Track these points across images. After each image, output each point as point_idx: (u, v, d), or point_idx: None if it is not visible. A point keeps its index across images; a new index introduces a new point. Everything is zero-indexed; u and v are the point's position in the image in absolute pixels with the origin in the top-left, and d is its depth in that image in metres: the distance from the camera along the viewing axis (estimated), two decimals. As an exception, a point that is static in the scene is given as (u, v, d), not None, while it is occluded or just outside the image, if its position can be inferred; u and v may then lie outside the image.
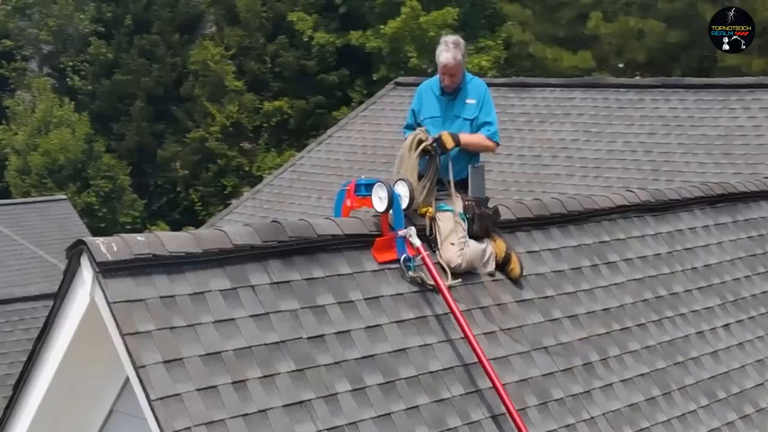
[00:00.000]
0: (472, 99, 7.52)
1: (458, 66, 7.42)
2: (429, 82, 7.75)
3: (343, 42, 38.66)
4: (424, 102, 7.69)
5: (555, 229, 8.20)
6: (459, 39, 7.51)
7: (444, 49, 7.42)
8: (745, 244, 9.81)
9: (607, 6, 37.65)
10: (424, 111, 7.65)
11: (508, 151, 15.75)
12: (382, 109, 18.15)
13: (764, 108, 14.13)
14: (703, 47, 37.11)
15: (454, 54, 7.38)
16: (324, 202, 16.88)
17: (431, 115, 7.59)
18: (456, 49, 7.39)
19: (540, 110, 16.10)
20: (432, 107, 7.62)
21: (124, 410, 6.30)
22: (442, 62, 7.41)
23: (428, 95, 7.69)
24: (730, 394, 8.36)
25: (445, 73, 7.45)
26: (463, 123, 7.52)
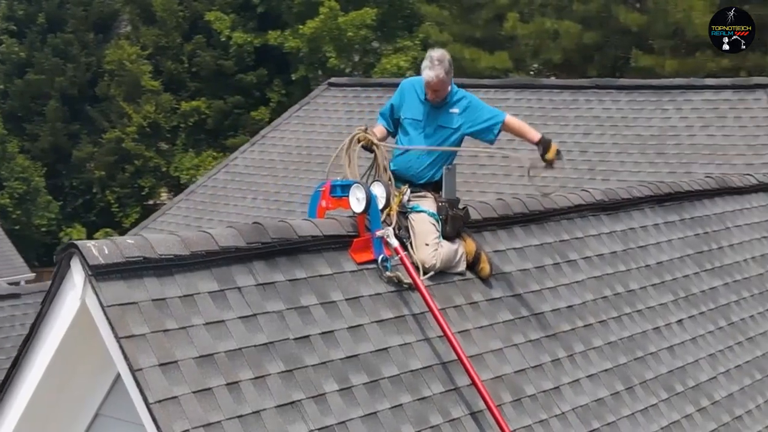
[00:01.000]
0: (456, 108, 7.50)
1: (441, 83, 7.34)
2: (414, 81, 7.66)
3: (261, 42, 38.56)
4: (406, 100, 7.63)
5: (518, 229, 8.36)
6: (444, 55, 7.41)
7: (428, 65, 7.33)
8: (692, 241, 10.09)
9: (524, 7, 38.13)
10: (405, 110, 7.61)
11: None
12: (315, 109, 18.18)
13: (696, 109, 14.49)
14: (617, 48, 37.83)
15: (437, 72, 7.28)
16: (259, 203, 16.89)
17: (413, 117, 7.56)
18: (440, 67, 7.29)
19: (479, 110, 16.24)
20: (415, 110, 7.57)
21: (109, 414, 6.26)
22: (425, 79, 7.35)
23: (411, 95, 7.61)
24: (687, 387, 8.59)
25: (428, 89, 7.40)
26: (447, 132, 7.52)
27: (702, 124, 14.26)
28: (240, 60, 38.69)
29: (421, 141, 7.60)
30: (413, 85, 7.66)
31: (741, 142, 13.74)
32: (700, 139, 14.09)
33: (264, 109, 39.11)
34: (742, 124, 13.95)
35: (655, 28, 34.64)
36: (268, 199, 16.81)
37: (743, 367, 9.38)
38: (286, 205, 16.51)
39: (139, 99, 37.90)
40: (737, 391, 9.07)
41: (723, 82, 14.99)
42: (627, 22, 35.06)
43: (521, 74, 38.17)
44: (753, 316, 10.05)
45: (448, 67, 7.37)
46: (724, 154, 13.73)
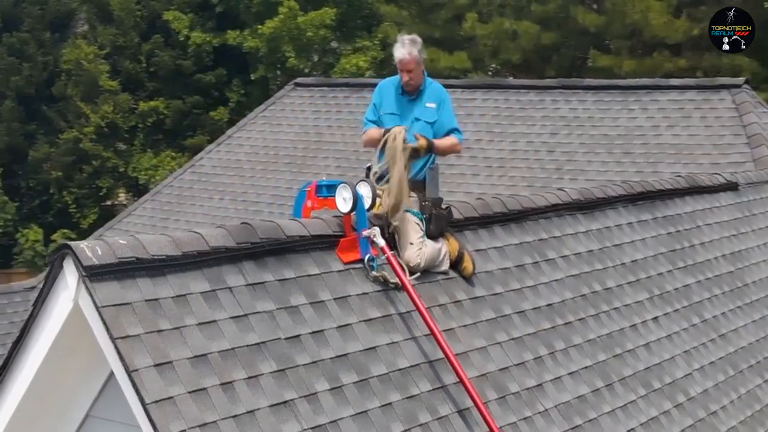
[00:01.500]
0: (432, 103, 7.64)
1: (414, 61, 7.51)
2: (391, 79, 7.84)
3: (219, 41, 38.36)
4: (384, 97, 7.79)
5: (498, 228, 8.43)
6: (416, 37, 7.63)
7: (399, 45, 7.53)
8: (665, 240, 10.22)
9: (482, 7, 38.28)
10: (384, 106, 7.75)
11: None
12: (282, 109, 18.18)
13: (662, 109, 14.67)
14: (575, 48, 38.10)
15: (409, 50, 7.48)
16: (226, 203, 16.87)
17: (390, 111, 7.70)
18: (411, 45, 7.50)
19: (441, 110, 16.32)
20: (392, 104, 7.72)
21: (99, 415, 6.25)
22: (398, 58, 7.51)
23: (388, 91, 7.79)
24: (663, 384, 8.72)
25: (402, 69, 7.54)
26: (424, 126, 7.63)
27: (668, 123, 14.45)
28: (199, 60, 38.47)
29: None
30: (390, 83, 7.85)
31: (707, 142, 13.93)
32: (667, 139, 14.26)
33: (223, 109, 38.91)
34: (707, 123, 14.15)
35: (612, 28, 34.92)
36: (235, 200, 16.79)
37: (717, 364, 9.53)
38: (254, 206, 16.51)
39: (97, 99, 37.53)
40: (712, 387, 9.21)
41: (688, 83, 15.19)
42: (585, 22, 35.31)
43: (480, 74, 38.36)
44: (725, 313, 10.20)
45: (420, 48, 7.56)
46: (691, 153, 13.92)
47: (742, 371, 9.73)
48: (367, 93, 17.52)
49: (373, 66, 38.23)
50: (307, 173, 16.60)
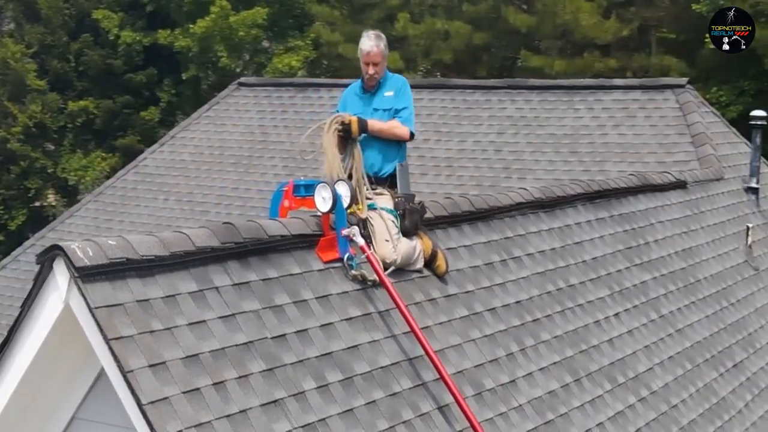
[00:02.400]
0: (390, 91, 7.73)
1: (380, 54, 7.61)
2: (351, 86, 7.96)
3: (150, 41, 37.99)
4: (348, 103, 7.86)
5: (467, 226, 8.52)
6: (380, 33, 7.76)
7: (366, 38, 7.64)
8: (621, 237, 10.40)
9: (414, 8, 38.48)
10: (348, 110, 7.77)
11: (359, 150, 16.02)
12: (226, 109, 18.10)
13: (607, 108, 14.89)
14: (506, 48, 38.46)
15: (376, 42, 7.59)
16: (172, 204, 16.76)
17: (353, 111, 7.71)
18: (378, 39, 7.63)
19: (388, 110, 16.40)
20: (354, 105, 7.79)
21: (86, 417, 6.19)
22: (365, 50, 7.58)
23: (351, 96, 7.89)
24: (627, 378, 8.89)
25: (368, 62, 7.59)
26: (382, 114, 7.70)
27: (613, 123, 14.67)
28: (129, 59, 38.06)
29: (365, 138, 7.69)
30: (350, 89, 7.98)
31: (652, 141, 14.17)
32: (612, 138, 14.49)
33: (154, 109, 38.55)
34: (652, 123, 14.39)
35: (543, 29, 35.31)
36: (180, 200, 16.68)
37: (675, 358, 9.73)
38: (200, 206, 16.42)
39: (25, 98, 36.93)
40: (672, 381, 9.41)
41: (632, 83, 15.45)
42: (516, 23, 35.65)
43: (412, 74, 38.51)
44: (680, 308, 10.42)
45: (385, 43, 7.68)
46: (636, 152, 14.15)
47: (698, 365, 9.96)
48: (312, 93, 17.57)
49: (305, 65, 38.18)
50: (253, 173, 16.59)
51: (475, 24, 37.21)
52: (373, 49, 7.59)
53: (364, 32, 7.81)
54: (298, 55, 37.75)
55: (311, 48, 38.73)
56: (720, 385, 10.00)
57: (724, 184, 13.40)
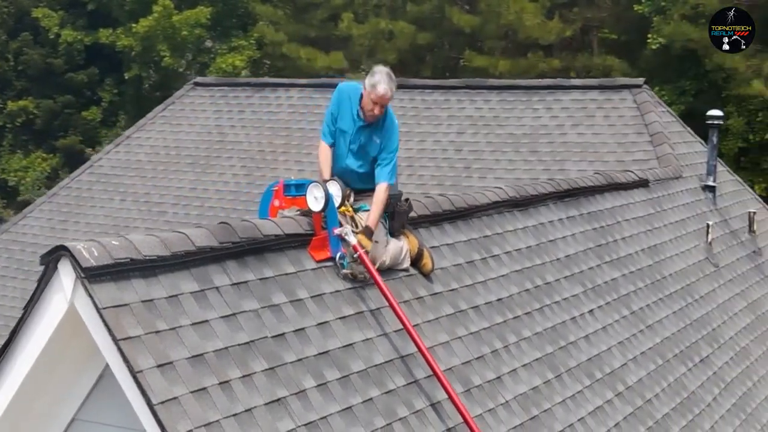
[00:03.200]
0: (378, 139, 7.48)
1: (391, 98, 7.39)
2: (350, 91, 7.55)
3: (91, 40, 37.72)
4: (342, 111, 7.54)
5: (447, 225, 8.60)
6: (390, 71, 7.40)
7: (386, 80, 7.26)
8: (591, 235, 10.56)
9: (358, 7, 38.55)
10: (340, 120, 7.54)
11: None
12: (182, 109, 17.99)
13: (565, 108, 15.06)
14: (450, 48, 38.68)
15: (391, 86, 7.28)
16: (128, 205, 16.64)
17: (344, 128, 7.52)
18: (392, 82, 7.31)
19: (347, 110, 16.43)
20: (347, 122, 7.51)
21: (87, 418, 6.17)
22: (380, 93, 7.24)
23: (346, 105, 7.52)
24: (604, 374, 9.04)
25: (378, 103, 7.30)
26: (367, 156, 7.51)
27: (572, 122, 14.84)
28: (70, 58, 37.75)
29: (345, 152, 7.58)
30: (349, 96, 7.55)
31: (611, 140, 14.36)
32: (572, 137, 14.65)
33: (95, 109, 38.27)
34: (610, 122, 14.58)
35: (487, 29, 35.60)
36: (137, 201, 16.57)
37: (647, 354, 9.90)
38: (157, 206, 16.33)
39: (-36, 98, 36.52)
40: (645, 376, 9.57)
41: (590, 83, 15.63)
42: (460, 23, 35.89)
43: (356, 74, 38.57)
44: (649, 305, 10.61)
45: (395, 83, 7.42)
46: (596, 151, 14.33)
47: (668, 360, 10.14)
48: (269, 92, 17.55)
49: (249, 65, 38.09)
50: (211, 173, 16.53)
51: (419, 24, 37.39)
52: (388, 93, 7.28)
53: (381, 68, 7.41)
54: (242, 55, 37.69)
55: (255, 48, 38.67)
56: (689, 380, 10.20)
57: (682, 183, 13.64)
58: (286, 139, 16.46)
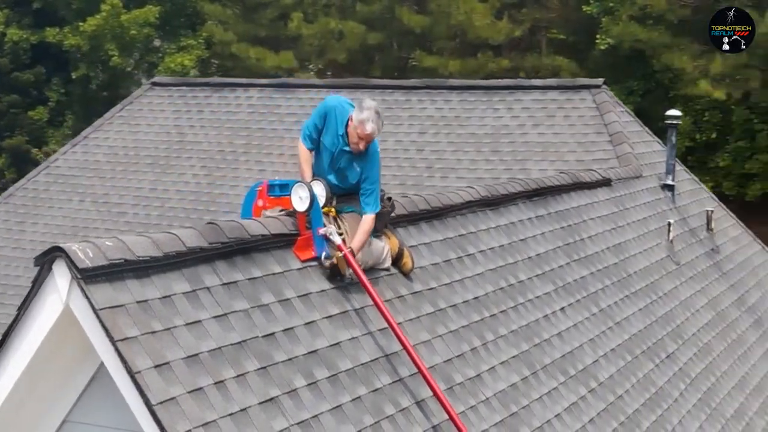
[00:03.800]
0: (358, 166, 7.47)
1: (377, 136, 7.41)
2: (338, 112, 7.45)
3: (38, 39, 37.29)
4: (328, 127, 7.49)
5: (424, 224, 8.68)
6: (379, 107, 7.37)
7: (374, 118, 7.24)
8: (559, 233, 10.69)
9: (308, 7, 38.54)
10: (325, 135, 7.49)
11: (280, 150, 16.10)
12: (140, 109, 17.90)
13: (526, 108, 15.21)
14: (400, 49, 38.80)
15: (379, 126, 7.31)
16: (87, 206, 16.54)
17: (328, 145, 7.47)
18: (379, 120, 7.30)
19: (307, 110, 16.39)
20: (332, 139, 7.46)
21: (78, 419, 6.16)
22: (368, 131, 7.23)
23: (332, 124, 7.46)
24: (577, 370, 9.17)
25: (364, 139, 7.30)
26: (346, 181, 7.51)
27: (533, 122, 14.99)
28: (15, 57, 37.28)
29: (328, 169, 7.56)
30: (336, 116, 7.47)
31: (571, 140, 14.53)
32: (533, 137, 14.80)
33: (42, 108, 37.84)
34: (571, 122, 14.76)
35: (437, 29, 35.80)
36: (96, 201, 16.46)
37: (616, 350, 10.06)
38: (117, 207, 16.24)
39: None
40: (615, 372, 9.72)
41: (549, 83, 15.79)
42: (410, 23, 36.05)
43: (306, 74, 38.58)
44: (616, 302, 10.77)
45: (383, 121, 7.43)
46: (556, 151, 14.50)
47: (637, 357, 10.30)
48: (228, 92, 17.51)
49: (198, 65, 37.92)
50: (171, 174, 16.47)
51: (369, 24, 37.48)
52: (375, 132, 7.29)
53: (367, 105, 7.29)
54: (191, 55, 37.50)
55: (204, 47, 38.49)
56: (656, 376, 10.36)
57: (642, 182, 13.85)
58: (246, 140, 16.46)
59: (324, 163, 7.54)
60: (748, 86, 30.34)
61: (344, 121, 7.41)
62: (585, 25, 33.78)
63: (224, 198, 15.63)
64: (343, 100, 7.59)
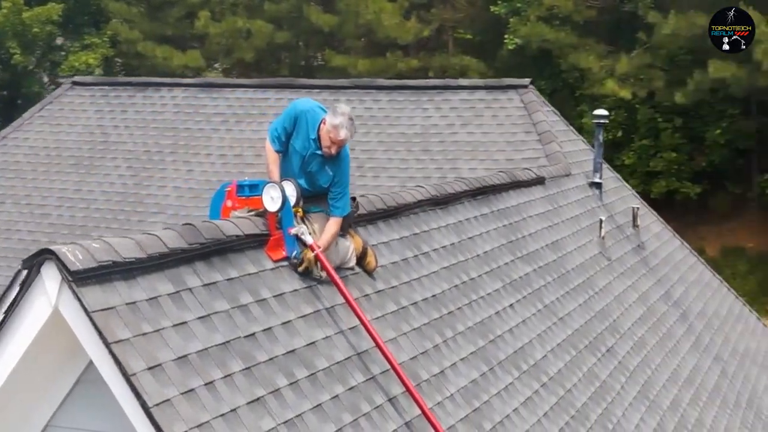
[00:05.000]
0: (331, 170, 7.55)
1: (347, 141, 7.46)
2: (309, 116, 7.47)
3: (-65, 37, 36.36)
4: (299, 131, 7.51)
5: (382, 223, 8.76)
6: (352, 113, 7.40)
7: (348, 124, 7.30)
8: (503, 231, 10.87)
9: (215, 6, 38.31)
10: (295, 139, 7.52)
11: (207, 151, 16.02)
12: (60, 109, 17.60)
13: (454, 108, 15.39)
14: (309, 48, 38.84)
15: (352, 132, 7.37)
16: (9, 207, 16.26)
17: (298, 148, 7.51)
18: (353, 126, 7.37)
19: (235, 110, 16.43)
20: (303, 143, 7.49)
21: (61, 424, 6.10)
22: (342, 137, 7.30)
23: (303, 128, 7.49)
24: (530, 366, 9.34)
25: (336, 144, 7.36)
26: (317, 185, 7.57)
27: (462, 122, 15.17)
28: None
29: (298, 172, 7.55)
30: (307, 120, 7.49)
31: (500, 139, 14.75)
32: (462, 137, 14.98)
33: (-55, 109, 36.94)
34: (499, 122, 14.97)
35: (346, 28, 35.92)
36: (18, 203, 16.15)
37: (562, 345, 10.26)
38: (40, 209, 15.97)
39: None
40: (563, 367, 9.92)
41: (477, 83, 16.00)
42: (319, 22, 36.12)
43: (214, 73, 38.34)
44: (558, 298, 10.98)
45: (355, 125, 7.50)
46: (486, 150, 14.70)
47: (580, 351, 10.52)
48: (152, 92, 17.34)
49: (102, 63, 37.40)
50: (96, 174, 16.25)
51: (277, 23, 37.45)
52: (348, 138, 7.36)
53: (341, 110, 7.32)
54: (95, 53, 36.96)
55: (108, 46, 37.98)
56: (599, 369, 10.60)
57: (572, 180, 14.12)
58: (173, 140, 16.32)
59: (294, 166, 7.56)
60: (653, 86, 31.12)
61: (316, 125, 7.44)
62: (493, 25, 34.24)
63: (152, 199, 15.48)
64: (315, 104, 7.62)
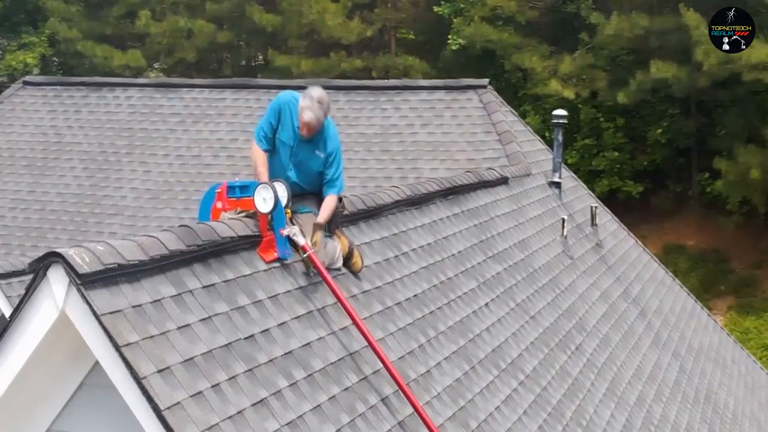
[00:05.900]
0: (322, 153, 7.57)
1: (319, 124, 7.44)
2: (291, 103, 7.58)
3: None
4: (283, 122, 7.56)
5: (363, 224, 8.78)
6: (323, 96, 7.41)
7: (308, 105, 7.34)
8: (474, 231, 10.95)
9: (155, 5, 37.99)
10: (281, 131, 7.57)
11: (165, 151, 15.91)
12: (12, 109, 17.35)
13: (414, 108, 15.44)
14: (251, 47, 38.66)
15: (318, 115, 7.34)
16: (-38, 210, 15.96)
17: (285, 140, 7.56)
18: (320, 109, 7.34)
19: (192, 110, 16.32)
20: (288, 134, 7.54)
21: (62, 429, 6.03)
22: (305, 120, 7.33)
23: (287, 118, 7.54)
24: (507, 364, 9.42)
25: (305, 127, 7.40)
26: (310, 170, 7.61)
27: (421, 122, 15.23)
28: None
29: (287, 164, 7.62)
30: (290, 109, 7.57)
31: (461, 139, 14.84)
32: (422, 137, 15.05)
33: None
34: (459, 122, 15.06)
35: (289, 28, 35.81)
36: (-29, 206, 15.90)
37: (535, 343, 10.36)
38: (-6, 210, 15.74)
39: None
40: (537, 364, 10.02)
41: (436, 83, 16.06)
42: (261, 22, 35.97)
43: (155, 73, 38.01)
44: (528, 297, 11.08)
45: (327, 109, 7.45)
46: (447, 150, 14.78)
47: (552, 349, 10.64)
48: (107, 92, 17.17)
49: (41, 63, 36.92)
50: (50, 175, 16.06)
51: (219, 23, 37.25)
52: (313, 121, 7.33)
53: (309, 92, 7.40)
54: (33, 52, 36.48)
55: (47, 45, 37.49)
56: (570, 367, 10.72)
57: (532, 180, 14.25)
58: (129, 140, 16.18)
59: (282, 159, 7.58)
60: (595, 86, 31.48)
61: (297, 113, 7.49)
62: (436, 25, 34.39)
63: (109, 200, 15.34)
64: (295, 94, 7.70)
